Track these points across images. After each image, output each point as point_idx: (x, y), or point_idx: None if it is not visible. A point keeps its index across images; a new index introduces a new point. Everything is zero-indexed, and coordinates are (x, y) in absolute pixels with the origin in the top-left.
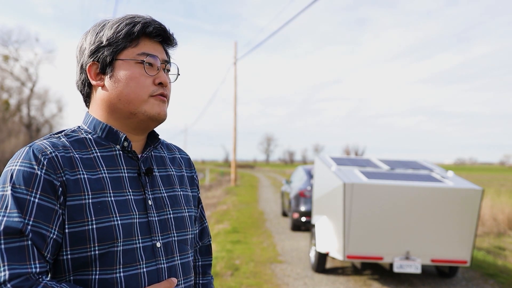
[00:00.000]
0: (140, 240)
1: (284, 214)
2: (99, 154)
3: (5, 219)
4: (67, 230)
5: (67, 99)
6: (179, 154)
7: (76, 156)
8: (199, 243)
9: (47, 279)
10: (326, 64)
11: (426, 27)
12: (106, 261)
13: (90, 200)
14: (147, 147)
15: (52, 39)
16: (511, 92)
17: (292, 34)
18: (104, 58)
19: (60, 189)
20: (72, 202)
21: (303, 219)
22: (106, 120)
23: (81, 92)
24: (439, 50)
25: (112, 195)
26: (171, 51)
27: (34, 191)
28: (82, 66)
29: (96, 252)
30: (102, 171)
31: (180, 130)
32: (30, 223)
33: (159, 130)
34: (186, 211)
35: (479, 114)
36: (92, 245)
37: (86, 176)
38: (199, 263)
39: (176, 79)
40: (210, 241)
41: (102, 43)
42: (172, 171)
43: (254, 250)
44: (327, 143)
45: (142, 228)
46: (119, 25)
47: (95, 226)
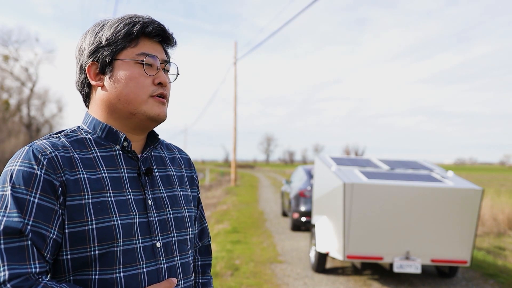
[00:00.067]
0: (140, 240)
1: (284, 214)
2: (99, 154)
3: (4, 219)
4: (67, 230)
5: (67, 99)
6: (179, 154)
7: (76, 156)
8: (199, 243)
9: (47, 279)
10: (326, 64)
11: (426, 27)
12: (106, 261)
13: (90, 200)
14: (146, 147)
15: (52, 39)
16: (511, 92)
17: (292, 34)
18: (104, 58)
19: (60, 189)
20: (72, 202)
21: (303, 219)
22: (106, 120)
23: (80, 92)
24: (439, 50)
25: (112, 195)
26: (170, 51)
27: (34, 191)
28: (81, 66)
29: (96, 252)
30: (102, 171)
31: (180, 130)
32: (30, 223)
33: (159, 130)
34: (186, 211)
35: (479, 114)
36: (92, 245)
37: (86, 176)
38: (198, 262)
39: (175, 79)
40: (209, 241)
41: (101, 43)
42: (172, 171)
43: (254, 250)
44: (327, 143)
45: (142, 228)
46: (118, 25)
47: (95, 226)
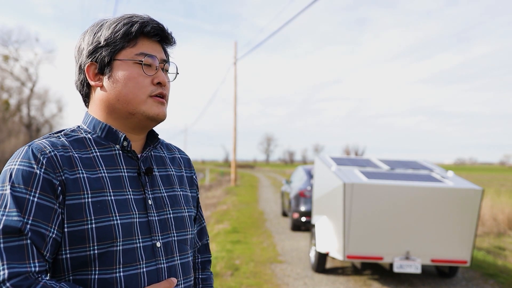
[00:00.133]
0: (140, 240)
1: (284, 214)
2: (98, 153)
3: (4, 218)
4: (66, 229)
5: (67, 99)
6: (179, 154)
7: (76, 155)
8: (199, 243)
9: (46, 278)
10: (326, 64)
11: (426, 27)
12: (105, 260)
13: (90, 199)
14: (146, 146)
15: (52, 39)
16: (511, 92)
17: (292, 34)
18: (102, 58)
19: (59, 188)
20: (71, 201)
21: (303, 219)
22: (106, 120)
23: (80, 92)
24: (439, 50)
25: (111, 194)
26: (170, 50)
27: (33, 190)
28: (80, 66)
29: (95, 251)
30: (102, 171)
31: (180, 130)
32: (29, 222)
33: (159, 130)
34: (186, 211)
35: (479, 114)
36: (91, 244)
37: (85, 175)
38: (198, 259)
39: (175, 78)
40: (208, 240)
41: (100, 43)
42: (172, 171)
43: (254, 250)
44: (327, 143)
45: (142, 228)
46: (116, 25)
47: (94, 226)
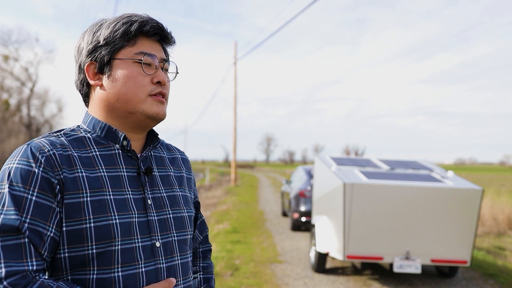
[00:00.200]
0: (139, 240)
1: (284, 214)
2: (98, 153)
3: (2, 216)
4: (64, 228)
5: (67, 99)
6: (179, 155)
7: (75, 154)
8: (200, 237)
9: (44, 277)
10: (326, 64)
11: (426, 27)
12: (104, 260)
13: (89, 198)
14: (146, 146)
15: (52, 39)
16: (511, 92)
17: (292, 34)
18: (102, 57)
19: (58, 187)
20: (70, 200)
21: (303, 219)
22: (105, 119)
23: (80, 91)
24: (439, 50)
25: (111, 193)
26: (170, 49)
27: (32, 189)
28: (80, 66)
29: (94, 250)
30: (101, 170)
31: (180, 130)
32: (27, 220)
33: (159, 130)
34: (185, 211)
35: (479, 114)
36: (89, 243)
37: (84, 174)
38: (199, 249)
39: (175, 78)
40: (207, 231)
41: (99, 42)
42: (172, 171)
43: (254, 250)
44: (327, 143)
45: (141, 228)
46: (116, 24)
47: (93, 225)
